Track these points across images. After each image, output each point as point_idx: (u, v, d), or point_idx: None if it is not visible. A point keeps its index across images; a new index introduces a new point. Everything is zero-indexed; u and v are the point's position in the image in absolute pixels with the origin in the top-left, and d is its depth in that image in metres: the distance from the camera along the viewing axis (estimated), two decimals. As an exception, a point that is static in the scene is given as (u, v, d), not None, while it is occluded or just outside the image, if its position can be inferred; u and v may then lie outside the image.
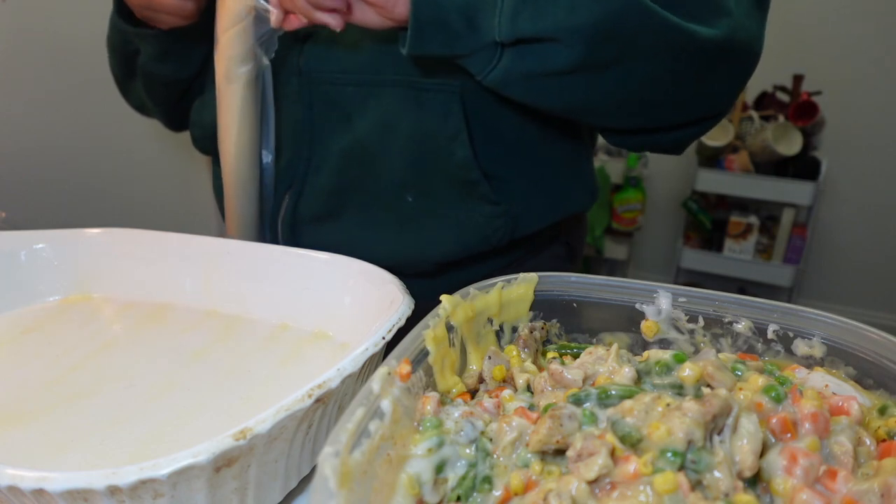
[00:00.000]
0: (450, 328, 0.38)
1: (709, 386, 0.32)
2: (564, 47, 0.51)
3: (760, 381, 0.32)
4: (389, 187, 0.66)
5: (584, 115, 0.62)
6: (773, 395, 0.31)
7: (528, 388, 0.37)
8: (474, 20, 0.52)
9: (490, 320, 0.42)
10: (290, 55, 0.65)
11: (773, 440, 0.29)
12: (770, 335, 0.39)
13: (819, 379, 0.35)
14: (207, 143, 0.78)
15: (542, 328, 0.44)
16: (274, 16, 0.57)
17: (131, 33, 0.70)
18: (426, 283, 0.63)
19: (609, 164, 2.41)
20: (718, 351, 0.40)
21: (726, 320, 0.40)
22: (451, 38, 0.52)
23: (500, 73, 0.54)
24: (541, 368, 0.40)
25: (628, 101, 0.58)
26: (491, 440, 0.32)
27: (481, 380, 0.39)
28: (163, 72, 0.73)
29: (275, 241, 0.71)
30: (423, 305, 0.44)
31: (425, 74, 0.62)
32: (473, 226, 0.67)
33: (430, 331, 0.36)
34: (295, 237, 0.70)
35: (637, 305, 0.42)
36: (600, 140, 0.75)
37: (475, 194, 0.65)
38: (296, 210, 0.69)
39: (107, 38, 0.77)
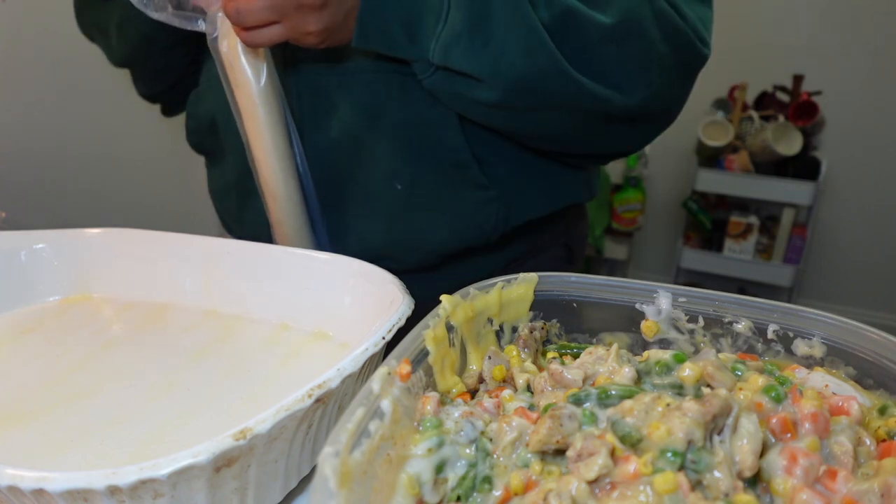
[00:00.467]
0: (450, 328, 0.38)
1: (709, 386, 0.32)
2: (487, 87, 0.56)
3: (760, 381, 0.32)
4: (379, 175, 0.66)
5: (514, 137, 0.66)
6: (773, 395, 0.31)
7: (528, 388, 0.37)
8: (414, 35, 0.55)
9: (490, 320, 0.42)
10: (274, 47, 0.65)
11: (773, 440, 0.29)
12: (770, 335, 0.39)
13: (819, 379, 0.35)
14: (202, 137, 0.78)
15: (542, 328, 0.44)
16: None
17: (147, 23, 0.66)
18: (425, 280, 0.62)
19: (609, 163, 2.41)
20: (718, 351, 0.40)
21: (726, 320, 0.40)
22: (391, 44, 0.56)
23: (432, 85, 0.58)
24: (541, 368, 0.40)
25: (547, 136, 0.64)
26: (491, 440, 0.32)
27: (481, 380, 0.39)
28: (147, 26, 0.69)
29: (271, 237, 0.71)
30: (423, 305, 0.44)
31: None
32: (465, 213, 0.66)
33: (430, 331, 0.36)
34: None
35: (637, 305, 0.42)
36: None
37: (465, 179, 0.65)
38: None
39: None
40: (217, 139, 0.75)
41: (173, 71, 0.78)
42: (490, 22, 0.54)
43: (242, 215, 0.74)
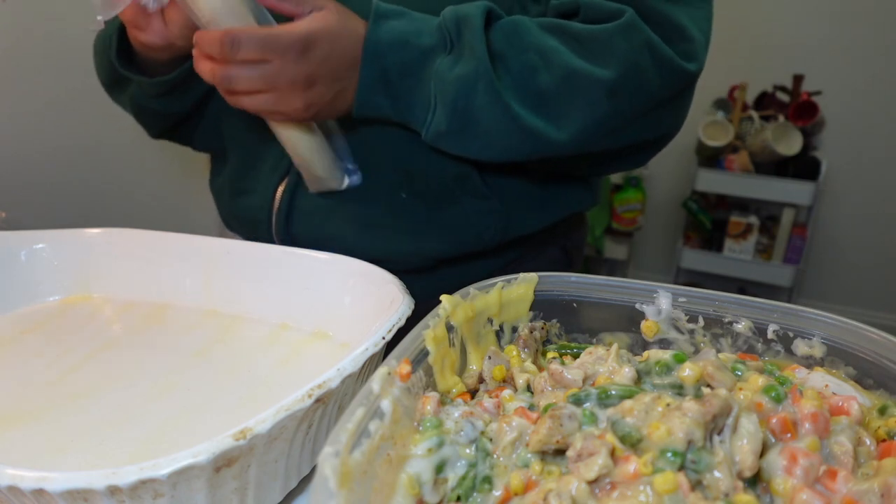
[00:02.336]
0: (450, 328, 0.38)
1: (709, 386, 0.32)
2: (476, 159, 0.61)
3: (760, 381, 0.32)
4: (383, 181, 0.66)
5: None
6: (773, 395, 0.31)
7: (528, 388, 0.37)
8: (408, 122, 0.59)
9: (490, 320, 0.42)
10: None
11: (773, 440, 0.29)
12: (770, 335, 0.39)
13: (819, 379, 0.35)
14: (207, 135, 0.78)
15: (542, 328, 0.44)
16: None
17: (127, 75, 0.67)
18: (425, 280, 0.63)
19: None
20: (718, 351, 0.40)
21: (726, 320, 0.40)
22: (388, 120, 0.60)
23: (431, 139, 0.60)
24: (541, 368, 0.40)
25: (551, 164, 0.66)
26: (491, 440, 0.32)
27: (481, 380, 0.39)
28: (158, 107, 0.71)
29: (268, 232, 0.71)
30: (423, 305, 0.44)
31: None
32: (465, 222, 0.67)
33: (430, 331, 0.36)
34: (289, 230, 0.70)
35: (637, 305, 0.42)
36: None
37: (466, 189, 0.65)
38: (291, 203, 0.68)
39: (94, 46, 0.73)
40: (220, 136, 0.76)
41: (195, 124, 0.79)
42: (472, 124, 0.56)
43: (242, 210, 0.74)
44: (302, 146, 0.62)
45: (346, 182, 0.66)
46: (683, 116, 0.64)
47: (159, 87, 0.67)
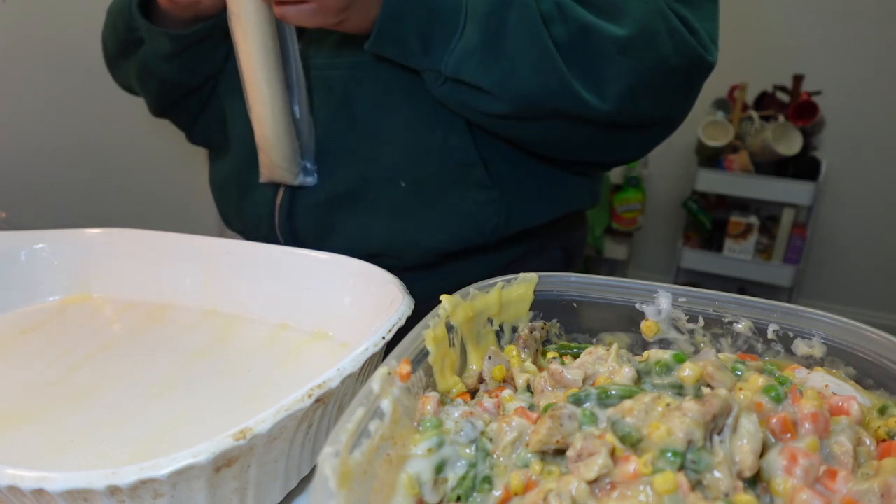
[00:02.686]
0: (450, 328, 0.38)
1: (709, 386, 0.32)
2: (495, 100, 0.57)
3: (760, 381, 0.32)
4: (385, 172, 0.66)
5: (516, 143, 0.66)
6: (773, 395, 0.31)
7: (528, 388, 0.37)
8: (429, 46, 0.56)
9: (490, 320, 0.42)
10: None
11: (773, 440, 0.29)
12: (770, 335, 0.39)
13: (819, 379, 0.35)
14: (209, 130, 0.78)
15: (542, 328, 0.44)
16: None
17: (143, 27, 0.67)
18: (425, 280, 0.63)
19: (610, 165, 2.41)
20: (718, 351, 0.40)
21: (726, 320, 0.40)
22: (405, 53, 0.57)
23: (441, 94, 0.60)
24: (541, 368, 0.40)
25: (550, 144, 0.65)
26: (491, 440, 0.32)
27: (481, 380, 0.39)
28: (166, 73, 0.71)
29: (271, 227, 0.71)
30: (423, 305, 0.44)
31: None
32: (466, 212, 0.66)
33: (430, 331, 0.36)
34: (292, 225, 0.70)
35: (637, 305, 0.42)
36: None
37: (468, 178, 0.65)
38: (294, 196, 0.69)
39: (108, 10, 0.73)
40: (222, 131, 0.76)
41: (199, 103, 0.78)
42: (504, 40, 0.54)
43: (242, 207, 0.75)
44: (270, 127, 0.62)
45: (300, 179, 0.66)
46: (688, 105, 0.64)
47: (178, 42, 0.66)
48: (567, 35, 0.55)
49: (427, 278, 0.68)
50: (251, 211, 0.73)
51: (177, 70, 0.70)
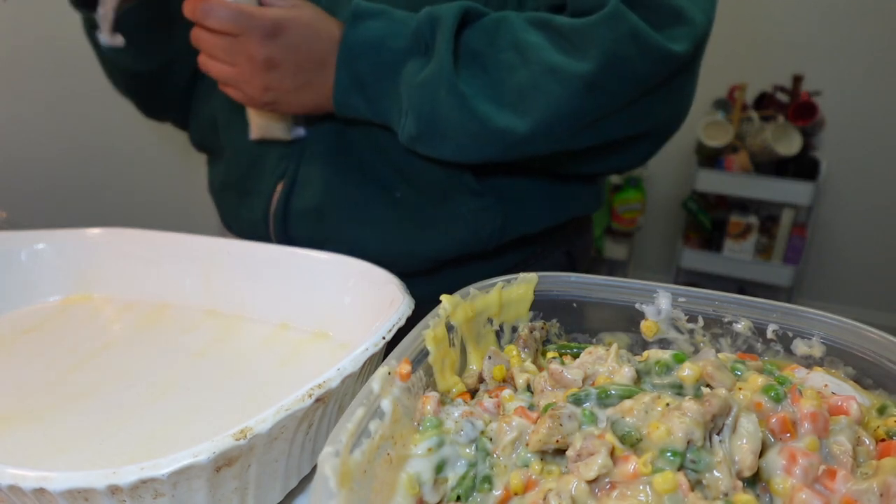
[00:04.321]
0: (450, 328, 0.38)
1: (708, 386, 0.32)
2: (453, 161, 0.61)
3: (760, 380, 0.32)
4: (378, 184, 0.66)
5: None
6: (772, 394, 0.31)
7: (528, 388, 0.37)
8: (386, 123, 0.60)
9: (490, 320, 0.42)
10: None
11: (773, 440, 0.29)
12: (770, 335, 0.39)
13: (818, 379, 0.35)
14: (203, 135, 0.79)
15: (542, 328, 0.44)
16: None
17: (84, 17, 0.67)
18: (424, 281, 0.62)
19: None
20: (718, 351, 0.40)
21: (726, 320, 0.40)
22: (369, 117, 0.60)
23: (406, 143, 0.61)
24: (541, 368, 0.40)
25: (544, 161, 0.65)
26: (491, 440, 0.32)
27: (481, 380, 0.39)
28: (122, 62, 0.71)
29: (266, 234, 0.71)
30: (423, 305, 0.44)
31: None
32: (461, 220, 0.66)
33: (430, 331, 0.36)
34: (287, 231, 0.70)
35: (637, 305, 0.42)
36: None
37: (460, 185, 0.65)
38: (287, 203, 0.68)
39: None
40: (217, 137, 0.76)
41: (179, 92, 0.79)
42: (440, 128, 0.56)
43: (240, 212, 0.75)
44: None
45: (294, 132, 0.67)
46: (681, 106, 0.62)
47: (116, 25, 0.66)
48: (530, 80, 0.54)
49: (427, 284, 0.67)
50: (247, 217, 0.73)
51: (130, 58, 0.71)
